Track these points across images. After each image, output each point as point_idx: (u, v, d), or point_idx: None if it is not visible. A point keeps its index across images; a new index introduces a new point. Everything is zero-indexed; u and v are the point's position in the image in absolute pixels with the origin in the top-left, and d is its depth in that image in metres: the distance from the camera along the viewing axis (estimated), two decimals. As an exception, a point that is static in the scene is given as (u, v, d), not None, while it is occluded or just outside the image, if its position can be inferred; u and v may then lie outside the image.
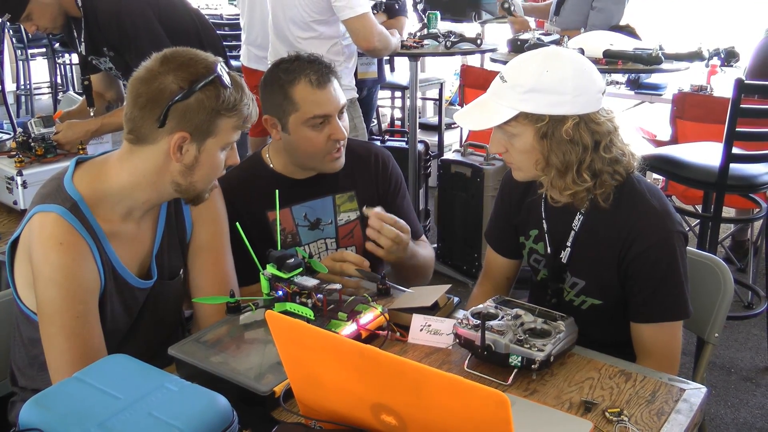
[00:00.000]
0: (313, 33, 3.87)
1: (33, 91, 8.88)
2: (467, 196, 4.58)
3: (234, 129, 1.92)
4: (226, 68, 1.93)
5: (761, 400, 3.60)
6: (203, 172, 1.93)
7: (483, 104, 2.09)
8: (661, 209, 2.07)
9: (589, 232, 2.13)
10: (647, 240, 2.03)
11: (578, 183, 2.02)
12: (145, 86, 1.84)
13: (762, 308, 3.97)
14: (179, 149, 1.86)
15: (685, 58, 4.29)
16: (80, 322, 1.82)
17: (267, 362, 1.75)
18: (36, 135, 3.03)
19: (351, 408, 1.44)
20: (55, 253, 1.79)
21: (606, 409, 1.65)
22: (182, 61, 1.87)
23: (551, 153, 2.00)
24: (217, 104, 1.85)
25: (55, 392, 1.44)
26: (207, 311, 2.12)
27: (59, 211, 1.82)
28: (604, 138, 2.01)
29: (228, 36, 6.39)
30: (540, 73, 1.97)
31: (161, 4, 3.33)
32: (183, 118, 1.83)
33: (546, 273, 2.26)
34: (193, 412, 1.38)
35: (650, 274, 2.05)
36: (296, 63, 2.37)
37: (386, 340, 1.91)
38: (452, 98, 7.39)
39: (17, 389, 2.07)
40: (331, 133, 2.36)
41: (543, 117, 1.97)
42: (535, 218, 2.27)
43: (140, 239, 2.01)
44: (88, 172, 1.94)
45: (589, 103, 1.99)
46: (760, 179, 3.62)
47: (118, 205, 1.92)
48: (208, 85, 1.85)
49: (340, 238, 2.56)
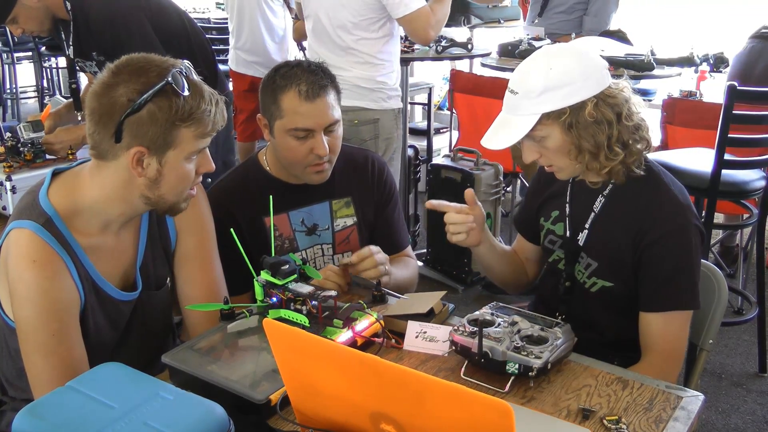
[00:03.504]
0: (364, 35, 3.68)
1: (19, 95, 8.82)
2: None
3: (196, 138, 1.82)
4: (188, 73, 1.81)
5: (752, 405, 3.61)
6: (170, 185, 1.86)
7: (504, 122, 2.14)
8: (683, 200, 2.13)
9: (608, 214, 2.19)
10: (665, 227, 2.08)
11: (611, 158, 2.07)
12: (98, 101, 1.78)
13: (752, 314, 3.97)
14: (140, 164, 1.79)
15: (676, 64, 4.30)
16: (56, 340, 1.78)
17: (262, 370, 1.73)
18: (25, 140, 3.00)
19: (349, 416, 1.43)
20: (28, 272, 1.76)
21: (604, 417, 1.64)
22: (133, 69, 1.78)
23: (581, 139, 2.06)
24: (171, 115, 1.76)
25: (49, 402, 1.42)
26: (197, 318, 2.09)
27: (33, 228, 1.79)
28: (623, 107, 2.08)
29: (216, 40, 6.37)
30: (546, 73, 2.04)
31: (153, 10, 3.30)
32: (137, 132, 1.76)
33: (560, 254, 2.30)
34: (189, 421, 1.36)
35: (664, 262, 2.09)
36: (295, 70, 2.33)
37: (381, 347, 1.89)
38: (441, 103, 7.38)
39: (7, 399, 2.05)
40: (313, 147, 2.32)
41: (564, 110, 2.03)
42: (558, 201, 2.34)
43: (121, 251, 1.98)
44: (64, 184, 1.90)
45: (598, 82, 2.06)
46: (752, 185, 3.64)
47: (94, 218, 1.88)
48: (158, 95, 1.74)
49: (336, 244, 2.56)
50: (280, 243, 2.45)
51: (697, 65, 4.81)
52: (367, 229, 2.60)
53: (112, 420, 1.35)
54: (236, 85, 5.43)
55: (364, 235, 2.59)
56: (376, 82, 3.72)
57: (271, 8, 5.27)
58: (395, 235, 2.65)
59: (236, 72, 5.43)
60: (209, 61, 3.67)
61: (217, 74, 3.74)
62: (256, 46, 5.29)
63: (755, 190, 3.66)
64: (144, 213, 2.00)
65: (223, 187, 2.34)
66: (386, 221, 2.63)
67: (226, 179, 2.50)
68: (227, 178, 2.51)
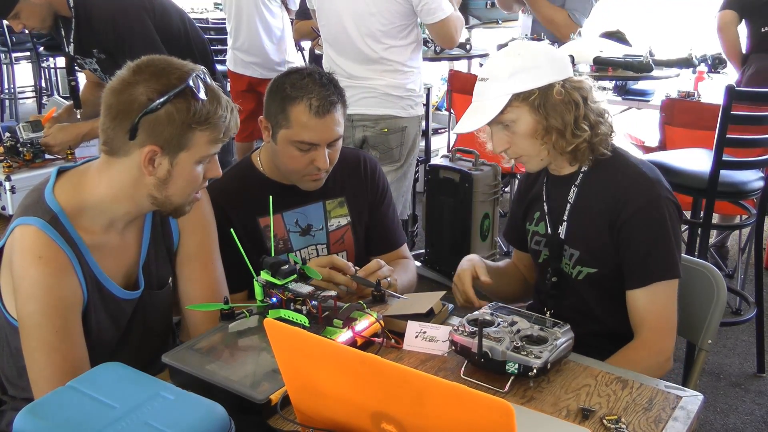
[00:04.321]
0: (392, 43, 3.69)
1: (17, 95, 8.81)
2: (456, 202, 4.57)
3: (210, 143, 1.85)
4: (205, 78, 1.84)
5: (750, 406, 3.61)
6: (178, 186, 1.87)
7: (476, 108, 2.21)
8: (651, 175, 2.19)
9: (583, 202, 2.24)
10: (636, 202, 2.14)
11: (578, 135, 2.15)
12: (116, 97, 1.79)
13: (751, 314, 3.97)
14: (151, 163, 1.81)
15: (674, 65, 4.30)
16: (59, 337, 1.78)
17: (262, 370, 1.74)
18: (24, 139, 3.00)
19: (350, 416, 1.43)
20: (33, 268, 1.76)
21: (604, 417, 1.64)
22: (155, 70, 1.80)
23: (549, 118, 2.14)
24: (188, 117, 1.78)
25: (50, 401, 1.42)
26: (197, 318, 2.09)
27: (39, 224, 1.79)
28: (588, 93, 2.19)
29: (214, 40, 6.37)
30: (514, 59, 2.17)
31: (156, 10, 3.32)
32: (153, 131, 1.78)
33: (546, 253, 2.33)
34: (191, 421, 1.36)
35: (641, 238, 2.14)
36: (306, 81, 2.30)
37: (381, 347, 1.90)
38: (439, 103, 7.39)
39: (7, 398, 2.05)
40: (314, 159, 2.32)
41: (533, 91, 2.13)
42: (537, 203, 2.38)
43: (125, 250, 1.98)
44: (69, 182, 1.90)
45: (564, 68, 2.19)
46: (750, 186, 3.63)
47: (99, 216, 1.89)
48: (178, 97, 1.77)
49: (331, 244, 2.55)
50: (275, 244, 2.45)
51: (696, 66, 4.82)
52: (361, 229, 2.60)
53: (113, 420, 1.35)
54: (234, 86, 5.43)
55: (359, 235, 2.60)
56: (406, 90, 3.75)
57: (269, 9, 5.27)
58: (391, 233, 2.65)
59: (234, 72, 5.43)
60: (208, 61, 3.68)
61: (215, 75, 3.75)
62: (253, 46, 5.29)
63: (754, 190, 3.66)
64: (148, 213, 2.00)
65: (218, 188, 2.33)
66: (381, 220, 2.64)
67: (220, 181, 2.47)
68: (220, 180, 2.48)
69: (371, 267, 2.26)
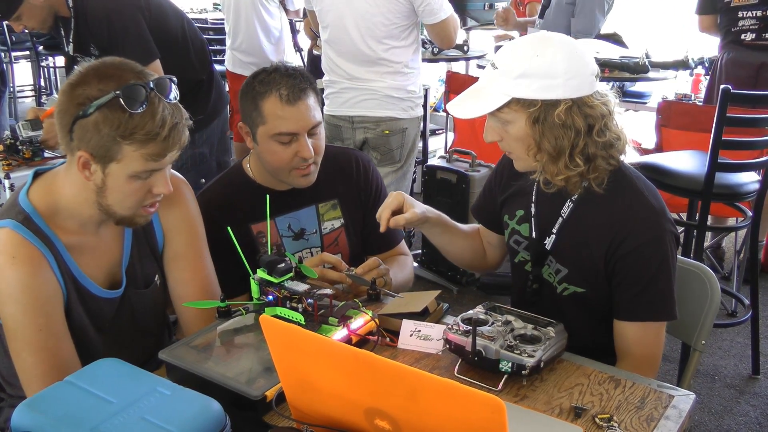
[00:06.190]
0: (394, 43, 3.70)
1: (16, 94, 8.82)
2: (453, 203, 4.58)
3: (144, 158, 1.75)
4: (155, 90, 1.74)
5: (745, 407, 3.62)
6: (115, 198, 1.83)
7: (476, 92, 2.05)
8: (657, 207, 2.03)
9: (578, 221, 2.10)
10: (641, 237, 2.00)
11: (570, 168, 1.97)
12: (61, 95, 1.77)
13: (746, 316, 3.98)
14: (87, 168, 1.78)
15: (671, 67, 4.31)
16: (44, 335, 1.79)
17: (258, 367, 1.75)
18: (24, 138, 3.02)
19: (344, 412, 1.44)
20: (9, 269, 1.76)
21: (596, 415, 1.65)
22: (99, 73, 1.75)
23: (543, 138, 1.96)
24: (112, 130, 1.71)
25: (47, 396, 1.43)
26: (192, 316, 2.10)
27: (11, 225, 1.79)
28: (598, 122, 1.97)
29: (213, 41, 6.38)
30: (530, 58, 1.94)
31: (153, 10, 3.32)
32: (83, 137, 1.74)
33: (526, 256, 2.23)
34: (187, 416, 1.38)
35: (640, 272, 2.02)
36: (273, 75, 2.31)
37: (376, 345, 1.91)
38: (437, 104, 7.39)
39: (5, 396, 2.06)
40: (297, 150, 2.31)
41: (535, 102, 1.94)
42: (524, 200, 2.24)
43: (105, 250, 1.97)
44: (44, 183, 1.90)
45: (581, 86, 1.95)
46: (746, 188, 3.64)
47: (70, 218, 1.88)
48: (108, 106, 1.70)
49: (325, 247, 2.55)
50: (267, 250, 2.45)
51: (692, 68, 4.84)
52: (356, 230, 2.59)
53: (110, 414, 1.36)
54: (233, 86, 5.44)
55: (353, 237, 2.59)
56: (407, 92, 3.76)
57: (267, 9, 5.29)
58: (388, 231, 2.65)
59: (233, 72, 5.44)
60: (206, 62, 3.69)
61: (213, 75, 3.76)
62: (252, 47, 5.31)
63: (749, 192, 3.67)
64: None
65: (208, 197, 2.32)
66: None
67: (210, 189, 2.47)
68: (211, 189, 2.48)
69: (369, 264, 2.27)
